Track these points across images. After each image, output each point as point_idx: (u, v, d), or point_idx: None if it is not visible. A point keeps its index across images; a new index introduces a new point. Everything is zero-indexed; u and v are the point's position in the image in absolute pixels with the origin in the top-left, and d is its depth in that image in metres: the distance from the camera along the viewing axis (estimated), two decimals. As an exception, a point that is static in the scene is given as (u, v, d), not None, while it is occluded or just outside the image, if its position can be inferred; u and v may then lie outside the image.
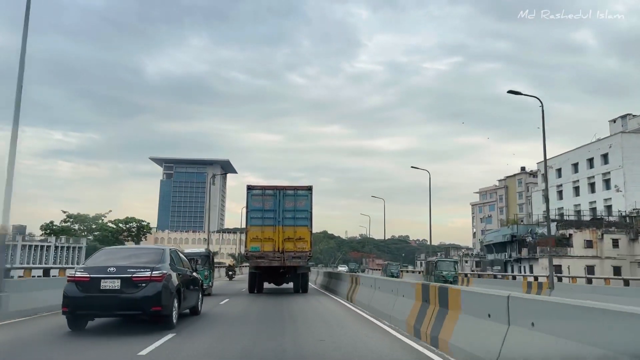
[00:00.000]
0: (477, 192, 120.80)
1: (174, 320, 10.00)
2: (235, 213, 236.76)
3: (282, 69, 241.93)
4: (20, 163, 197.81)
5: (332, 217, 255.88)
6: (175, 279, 10.17)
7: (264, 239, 20.70)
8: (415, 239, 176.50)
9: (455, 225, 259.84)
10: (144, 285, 9.35)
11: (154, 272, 9.49)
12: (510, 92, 25.37)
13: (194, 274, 12.55)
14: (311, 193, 21.32)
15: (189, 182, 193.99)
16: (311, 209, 21.21)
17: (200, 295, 13.01)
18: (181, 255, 12.11)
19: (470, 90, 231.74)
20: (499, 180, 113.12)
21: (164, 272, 9.71)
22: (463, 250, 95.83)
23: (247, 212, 21.15)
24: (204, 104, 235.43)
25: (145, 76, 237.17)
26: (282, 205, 20.96)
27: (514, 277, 39.07)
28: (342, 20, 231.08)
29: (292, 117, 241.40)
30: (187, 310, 12.03)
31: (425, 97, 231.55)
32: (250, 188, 21.45)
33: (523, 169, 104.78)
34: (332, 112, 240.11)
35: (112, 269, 9.46)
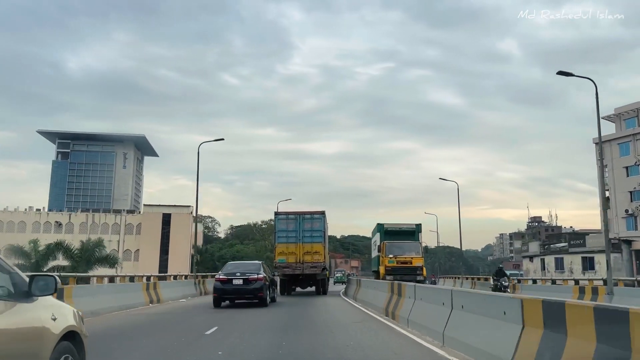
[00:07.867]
0: (606, 118, 55.25)
1: (268, 302, 18.00)
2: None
3: (214, 68, 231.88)
4: None
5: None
6: (267, 279, 18.20)
7: (288, 253, 26.61)
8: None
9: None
10: (254, 282, 17.33)
11: (259, 275, 17.61)
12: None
13: (273, 277, 21.68)
14: (324, 216, 27.51)
15: (91, 165, 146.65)
16: (325, 229, 27.39)
17: (278, 290, 21.99)
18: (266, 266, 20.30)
19: (402, 96, 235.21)
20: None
21: (263, 275, 17.79)
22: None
23: (275, 233, 27.43)
24: (133, 103, 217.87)
25: (67, 72, 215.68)
26: (301, 226, 26.91)
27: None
28: (275, 21, 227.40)
29: (226, 119, 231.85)
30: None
31: (359, 102, 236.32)
32: (277, 214, 27.92)
33: None
34: (267, 114, 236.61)
35: (238, 274, 17.54)
